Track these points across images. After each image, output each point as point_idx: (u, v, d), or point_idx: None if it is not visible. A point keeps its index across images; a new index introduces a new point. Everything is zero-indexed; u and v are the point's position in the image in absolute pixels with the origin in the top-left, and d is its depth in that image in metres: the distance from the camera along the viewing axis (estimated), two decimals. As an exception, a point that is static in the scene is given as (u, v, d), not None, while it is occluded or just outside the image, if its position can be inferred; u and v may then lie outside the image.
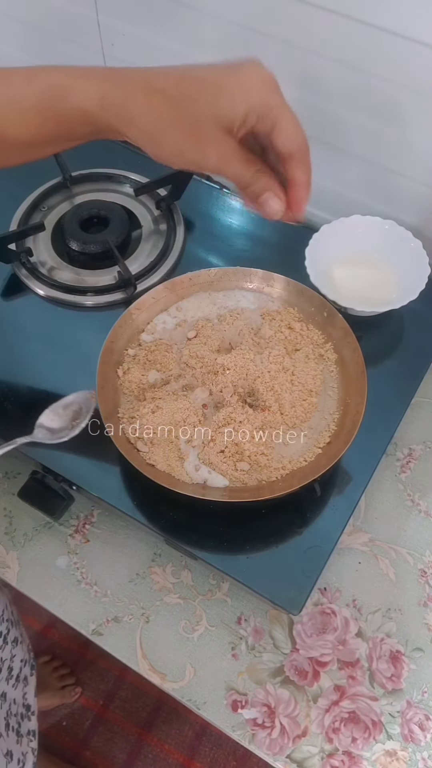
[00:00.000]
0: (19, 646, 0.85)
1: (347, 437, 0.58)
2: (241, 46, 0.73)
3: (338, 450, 0.58)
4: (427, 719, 0.62)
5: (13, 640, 0.83)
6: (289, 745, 0.61)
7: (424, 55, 0.62)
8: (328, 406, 0.63)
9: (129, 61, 0.85)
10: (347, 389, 0.63)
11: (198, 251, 0.81)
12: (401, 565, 0.68)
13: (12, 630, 0.83)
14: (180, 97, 0.40)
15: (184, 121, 0.41)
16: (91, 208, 0.82)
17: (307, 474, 0.58)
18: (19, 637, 0.85)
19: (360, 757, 0.60)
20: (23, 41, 0.93)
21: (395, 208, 0.77)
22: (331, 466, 0.57)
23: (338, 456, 0.57)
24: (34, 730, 0.83)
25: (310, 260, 0.71)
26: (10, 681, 0.81)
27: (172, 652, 0.65)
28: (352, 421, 0.60)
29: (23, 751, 0.79)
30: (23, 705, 0.83)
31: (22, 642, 0.86)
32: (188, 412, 0.60)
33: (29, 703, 0.84)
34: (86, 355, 0.64)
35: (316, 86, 0.71)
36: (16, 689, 0.82)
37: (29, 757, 0.79)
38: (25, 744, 0.80)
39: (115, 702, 1.34)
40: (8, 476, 0.74)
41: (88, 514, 0.72)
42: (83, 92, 0.42)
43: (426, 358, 0.72)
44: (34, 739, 0.82)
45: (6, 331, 0.74)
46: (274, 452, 0.60)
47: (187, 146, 0.42)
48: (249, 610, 0.67)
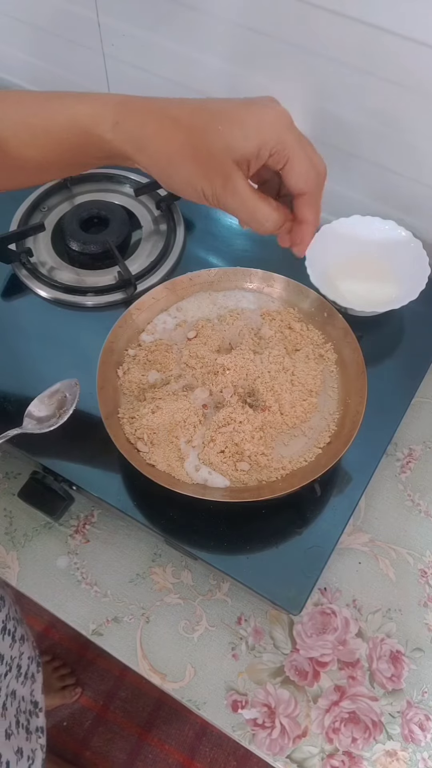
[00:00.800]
0: (26, 644, 0.85)
1: (347, 437, 0.58)
2: (242, 46, 0.73)
3: (338, 450, 0.58)
4: (427, 719, 0.62)
5: (20, 637, 0.83)
6: (289, 745, 0.61)
7: (425, 56, 0.62)
8: (328, 406, 0.63)
9: (129, 61, 0.85)
10: (347, 389, 0.63)
11: (198, 251, 0.81)
12: (401, 565, 0.68)
13: (18, 628, 0.83)
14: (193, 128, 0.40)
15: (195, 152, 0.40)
16: (91, 208, 0.82)
17: (307, 474, 0.58)
18: (24, 634, 0.85)
19: (360, 758, 0.60)
20: (24, 41, 0.93)
21: (395, 208, 0.77)
22: (332, 467, 0.57)
23: (338, 456, 0.57)
24: (42, 726, 0.83)
25: (310, 260, 0.71)
26: (20, 678, 0.81)
27: (172, 652, 0.65)
28: (352, 421, 0.60)
29: (32, 747, 0.79)
30: (31, 702, 0.83)
31: (28, 639, 0.86)
32: (188, 413, 0.60)
33: (37, 699, 0.84)
34: (86, 355, 0.64)
35: (316, 86, 0.71)
36: (24, 686, 0.82)
37: (38, 754, 0.79)
38: (34, 741, 0.80)
39: (115, 702, 1.34)
40: (8, 476, 0.74)
41: (88, 514, 0.72)
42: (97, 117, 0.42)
43: (426, 358, 0.72)
44: (42, 735, 0.82)
45: (6, 331, 0.74)
46: (274, 452, 0.60)
47: (197, 177, 0.41)
48: (249, 610, 0.67)
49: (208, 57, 0.77)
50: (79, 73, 0.92)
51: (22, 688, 0.81)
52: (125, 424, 0.61)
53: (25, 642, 0.84)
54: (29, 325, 0.75)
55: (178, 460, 0.59)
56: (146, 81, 0.86)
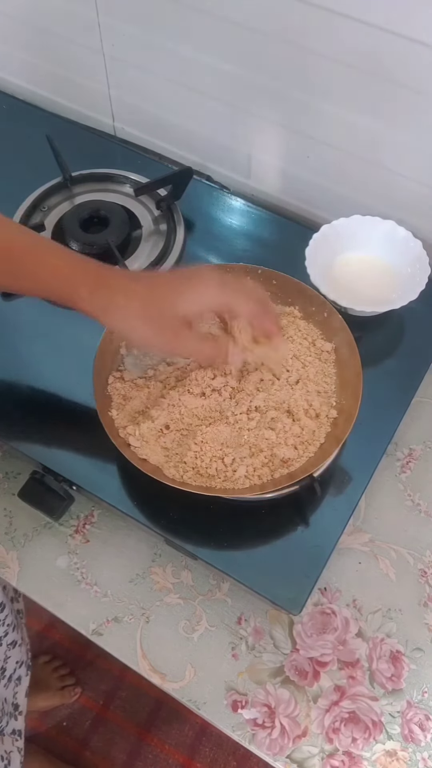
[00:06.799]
0: (17, 649, 0.85)
1: (339, 439, 0.59)
2: (242, 46, 0.73)
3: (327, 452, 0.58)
4: (427, 719, 0.62)
5: (11, 642, 0.83)
6: (289, 745, 0.61)
7: (424, 55, 0.62)
8: (324, 407, 0.63)
9: (129, 61, 0.85)
10: (344, 390, 0.63)
11: (198, 251, 0.81)
12: (401, 565, 0.68)
13: (11, 633, 0.83)
14: (151, 300, 0.53)
15: (153, 319, 0.53)
16: (92, 208, 0.82)
17: (297, 474, 0.58)
18: (18, 640, 0.86)
19: (360, 758, 0.60)
20: (24, 41, 0.93)
21: (395, 208, 0.77)
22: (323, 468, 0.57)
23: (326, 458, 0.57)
24: (20, 729, 0.83)
25: (310, 260, 0.71)
26: (2, 681, 0.81)
27: (172, 652, 0.65)
28: (345, 423, 0.60)
29: (7, 749, 0.79)
30: (12, 704, 0.83)
31: (21, 645, 0.86)
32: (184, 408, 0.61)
33: (18, 702, 0.84)
34: (86, 355, 0.64)
35: (315, 86, 0.71)
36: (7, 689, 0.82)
37: (15, 756, 0.80)
38: (9, 743, 0.80)
39: (115, 702, 1.34)
40: (8, 476, 0.74)
41: (88, 514, 0.72)
42: (76, 281, 0.53)
43: (426, 358, 0.72)
44: (20, 739, 0.82)
45: (6, 331, 0.74)
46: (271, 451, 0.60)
47: (152, 335, 0.54)
48: (249, 610, 0.67)
49: (208, 57, 0.77)
50: (79, 73, 0.92)
51: (4, 690, 0.82)
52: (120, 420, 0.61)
53: (16, 647, 0.84)
54: (29, 325, 0.75)
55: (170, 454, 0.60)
56: (146, 81, 0.86)
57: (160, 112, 0.89)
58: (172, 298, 0.53)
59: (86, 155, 0.89)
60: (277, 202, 0.89)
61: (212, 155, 0.90)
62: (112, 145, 0.94)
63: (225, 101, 0.81)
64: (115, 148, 0.93)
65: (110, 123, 0.97)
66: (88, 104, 0.96)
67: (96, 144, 0.93)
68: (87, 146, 0.92)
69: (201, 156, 0.91)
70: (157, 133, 0.93)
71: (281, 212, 0.87)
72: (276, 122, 0.79)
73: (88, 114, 0.97)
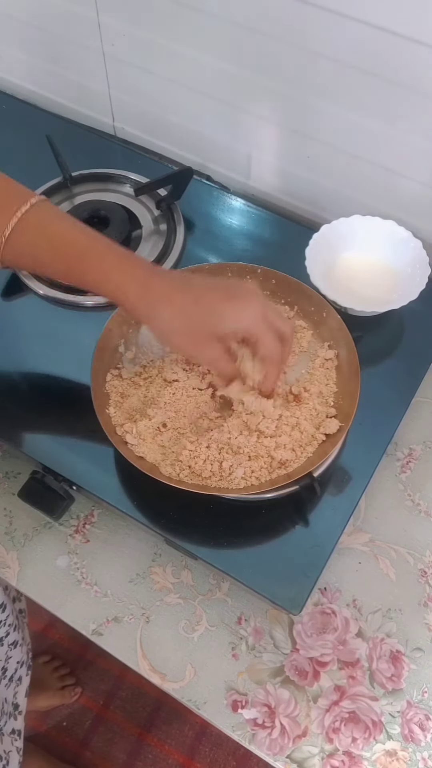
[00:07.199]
0: (18, 649, 0.85)
1: (337, 439, 0.59)
2: (242, 46, 0.73)
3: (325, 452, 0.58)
4: (427, 719, 0.62)
5: (12, 642, 0.83)
6: (289, 745, 0.61)
7: (424, 55, 0.62)
8: (323, 407, 0.63)
9: (129, 61, 0.85)
10: (342, 390, 0.63)
11: (198, 251, 0.81)
12: (401, 565, 0.68)
13: (12, 633, 0.83)
14: (193, 313, 0.55)
15: (191, 330, 0.55)
16: (92, 208, 0.82)
17: (295, 474, 0.58)
18: (19, 640, 0.86)
19: (360, 757, 0.60)
20: (24, 41, 0.93)
21: (395, 208, 0.77)
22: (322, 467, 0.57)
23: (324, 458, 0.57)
24: (19, 729, 0.83)
25: (310, 260, 0.71)
26: (3, 681, 0.81)
27: (172, 652, 0.65)
28: (342, 423, 0.60)
29: (6, 749, 0.79)
30: (12, 704, 0.83)
31: (22, 645, 0.87)
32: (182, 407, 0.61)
33: (18, 702, 0.84)
34: (86, 355, 0.64)
35: (315, 86, 0.71)
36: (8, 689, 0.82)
37: (13, 756, 0.80)
38: (8, 743, 0.80)
39: (115, 702, 1.34)
40: (8, 476, 0.74)
41: (88, 514, 0.72)
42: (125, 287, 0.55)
43: (426, 358, 0.72)
44: (19, 738, 0.82)
45: (6, 331, 0.74)
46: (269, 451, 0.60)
47: (188, 346, 0.57)
48: (249, 610, 0.67)
49: (208, 57, 0.77)
50: (79, 73, 0.92)
51: (4, 690, 0.82)
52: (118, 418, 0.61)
53: (17, 647, 0.84)
54: (29, 325, 0.75)
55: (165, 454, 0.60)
56: (146, 81, 0.86)
57: (160, 112, 0.89)
58: (213, 317, 0.55)
59: (86, 155, 0.89)
60: (277, 202, 0.89)
61: (212, 155, 0.90)
62: (112, 145, 0.94)
63: (225, 101, 0.81)
64: (115, 148, 0.93)
65: (110, 123, 0.97)
66: (88, 104, 0.96)
67: (96, 144, 0.93)
68: (87, 146, 0.92)
69: (201, 156, 0.91)
70: (157, 133, 0.93)
71: (281, 212, 0.87)
72: (276, 122, 0.79)
73: (88, 114, 0.97)
